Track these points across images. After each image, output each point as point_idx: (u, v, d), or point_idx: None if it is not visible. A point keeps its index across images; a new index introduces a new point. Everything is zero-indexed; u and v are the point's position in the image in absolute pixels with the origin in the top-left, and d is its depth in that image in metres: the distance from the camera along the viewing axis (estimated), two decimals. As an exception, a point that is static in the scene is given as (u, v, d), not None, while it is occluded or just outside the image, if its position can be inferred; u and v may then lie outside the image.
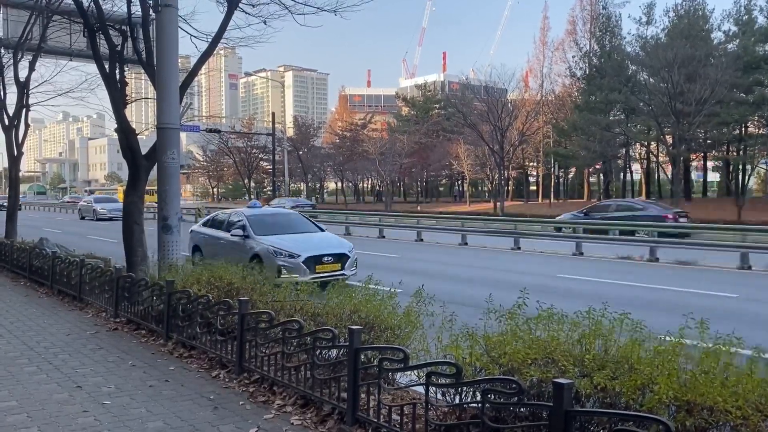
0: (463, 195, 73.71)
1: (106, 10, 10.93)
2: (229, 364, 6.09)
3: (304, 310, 5.79)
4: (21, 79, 17.46)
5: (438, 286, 11.33)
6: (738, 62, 41.74)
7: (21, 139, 18.06)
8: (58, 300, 10.41)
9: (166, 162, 9.42)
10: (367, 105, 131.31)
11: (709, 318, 3.84)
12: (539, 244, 20.84)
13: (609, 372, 3.56)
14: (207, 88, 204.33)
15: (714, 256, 16.55)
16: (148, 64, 10.25)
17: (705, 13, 48.55)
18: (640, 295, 11.39)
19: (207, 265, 8.03)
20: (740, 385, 3.22)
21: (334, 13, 10.96)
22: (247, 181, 75.41)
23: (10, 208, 18.92)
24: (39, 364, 6.44)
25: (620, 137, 51.62)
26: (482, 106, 53.07)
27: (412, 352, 4.49)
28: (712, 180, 68.17)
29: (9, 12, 16.73)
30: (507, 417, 3.76)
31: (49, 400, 5.29)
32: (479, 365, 4.05)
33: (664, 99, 40.57)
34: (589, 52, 57.24)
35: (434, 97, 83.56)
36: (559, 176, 68.67)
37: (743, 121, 46.02)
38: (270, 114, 63.18)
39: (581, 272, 14.68)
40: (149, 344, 7.30)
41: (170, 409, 5.06)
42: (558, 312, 4.24)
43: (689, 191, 53.76)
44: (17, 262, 13.34)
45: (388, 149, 63.86)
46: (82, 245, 18.78)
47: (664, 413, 3.21)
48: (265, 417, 4.86)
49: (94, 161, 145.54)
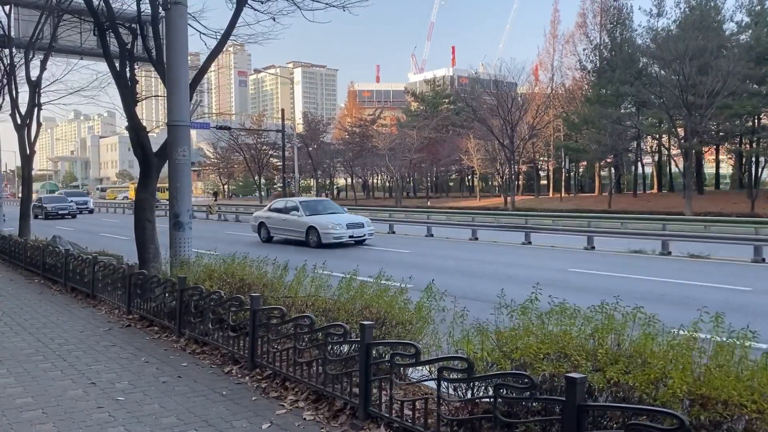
0: (473, 190, 73.56)
1: (115, 9, 10.98)
2: (241, 360, 6.11)
3: (315, 305, 5.79)
4: (33, 79, 17.61)
5: (449, 281, 11.32)
6: (750, 53, 41.35)
7: (33, 137, 18.21)
8: (71, 297, 10.49)
9: (177, 159, 9.46)
10: (377, 100, 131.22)
11: (723, 311, 3.80)
12: (550, 238, 20.75)
13: (622, 366, 3.54)
14: (216, 85, 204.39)
15: (727, 249, 16.42)
16: (158, 61, 10.28)
17: (717, 4, 48.05)
18: (653, 288, 11.32)
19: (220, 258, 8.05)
20: (755, 379, 3.20)
21: (342, 8, 10.94)
22: (258, 177, 75.57)
23: (23, 206, 19.09)
24: (53, 360, 6.50)
25: (631, 130, 51.29)
26: (492, 100, 52.93)
27: (423, 347, 4.49)
28: (724, 173, 67.59)
29: (20, 12, 16.86)
30: (519, 412, 3.75)
31: (63, 397, 5.34)
32: (491, 360, 4.03)
33: (675, 91, 40.23)
34: (600, 44, 56.90)
35: (443, 92, 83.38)
36: (570, 170, 68.33)
37: (756, 112, 45.58)
38: (279, 110, 63.21)
39: (593, 266, 14.61)
40: (162, 341, 7.34)
41: (183, 405, 5.09)
42: (570, 307, 4.22)
43: (701, 184, 53.37)
44: (31, 260, 13.45)
45: (397, 144, 63.83)
46: (95, 243, 18.93)
47: (678, 407, 3.19)
48: (277, 412, 4.87)
49: (105, 159, 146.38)
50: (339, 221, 19.67)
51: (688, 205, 38.03)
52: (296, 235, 20.23)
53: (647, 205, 44.24)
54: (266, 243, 21.02)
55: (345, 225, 19.49)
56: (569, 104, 60.10)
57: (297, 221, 20.21)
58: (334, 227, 19.26)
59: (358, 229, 19.80)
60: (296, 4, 10.70)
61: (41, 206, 41.83)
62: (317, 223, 19.56)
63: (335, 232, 19.18)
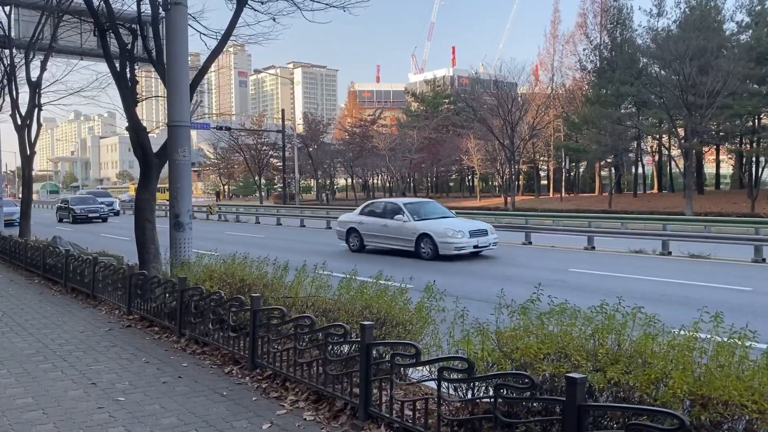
0: (474, 190, 73.55)
1: (116, 9, 10.98)
2: (241, 360, 6.12)
3: (315, 306, 5.80)
4: (33, 79, 17.62)
5: (449, 281, 11.33)
6: (751, 53, 41.32)
7: (33, 138, 18.22)
8: (71, 298, 10.50)
9: (177, 159, 9.46)
10: (377, 101, 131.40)
11: (723, 311, 3.80)
12: (551, 238, 20.74)
13: (622, 366, 3.54)
14: (217, 85, 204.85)
15: (727, 249, 16.41)
16: (159, 62, 10.28)
17: (717, 4, 48.04)
18: (653, 288, 11.32)
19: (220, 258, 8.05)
20: (756, 379, 3.19)
21: (342, 9, 10.95)
22: (258, 178, 75.59)
23: (24, 207, 19.10)
24: (54, 361, 6.50)
25: (632, 130, 51.25)
26: (492, 100, 52.91)
27: (423, 348, 4.49)
28: (724, 173, 67.58)
29: (21, 12, 16.88)
30: (519, 412, 3.75)
31: (64, 397, 5.34)
32: (491, 360, 4.04)
33: (675, 91, 40.21)
34: (600, 44, 56.92)
35: (444, 92, 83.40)
36: (570, 170, 68.31)
37: (756, 112, 45.55)
38: (280, 111, 63.23)
39: (593, 266, 14.61)
40: (162, 341, 7.35)
41: (184, 405, 5.09)
42: (570, 307, 4.22)
43: (702, 184, 53.35)
44: (31, 260, 13.46)
45: (397, 145, 63.86)
46: (95, 243, 18.94)
47: (678, 407, 3.19)
48: (278, 413, 4.87)
49: (105, 159, 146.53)
50: (459, 227, 16.32)
51: (689, 205, 38.02)
52: (402, 244, 16.91)
53: (647, 205, 44.25)
54: (357, 252, 17.91)
55: (467, 232, 16.12)
56: (569, 104, 60.11)
57: (403, 227, 16.84)
58: (454, 235, 15.86)
59: (483, 237, 16.35)
60: (296, 5, 10.72)
61: (68, 208, 36.62)
62: (432, 229, 16.20)
63: (457, 241, 15.78)
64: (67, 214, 36.36)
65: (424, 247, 16.15)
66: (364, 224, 18.08)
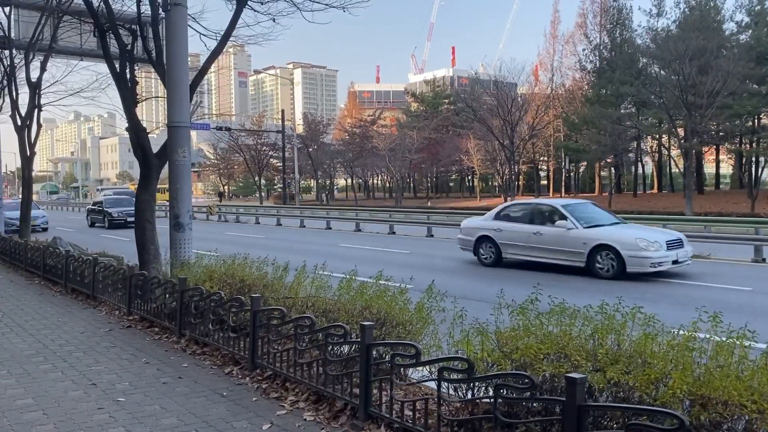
0: (474, 190, 73.56)
1: (116, 10, 10.99)
2: (241, 361, 6.12)
3: (315, 306, 5.80)
4: (33, 80, 17.61)
5: (449, 281, 11.34)
6: (750, 53, 41.36)
7: (33, 139, 18.21)
8: (71, 298, 10.50)
9: (177, 160, 9.46)
10: (377, 101, 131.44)
11: (723, 311, 3.81)
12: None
13: (622, 366, 3.54)
14: (217, 86, 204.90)
15: (727, 248, 16.42)
16: (158, 63, 10.29)
17: (717, 4, 48.09)
18: (653, 289, 11.32)
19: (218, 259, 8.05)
20: (755, 379, 3.20)
21: (342, 9, 10.96)
22: (258, 178, 75.62)
23: (24, 208, 19.09)
24: (54, 361, 6.50)
25: (631, 130, 51.27)
26: (492, 100, 52.92)
27: (423, 348, 4.49)
28: (724, 173, 67.61)
29: (20, 13, 16.88)
30: (519, 412, 3.76)
31: (64, 398, 5.34)
32: (491, 360, 4.04)
33: (675, 91, 40.21)
34: (600, 45, 56.95)
35: (443, 92, 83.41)
36: (570, 170, 68.33)
37: (756, 112, 45.60)
38: (279, 111, 63.27)
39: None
40: (162, 341, 7.35)
41: (184, 406, 5.09)
42: (570, 307, 4.23)
43: (702, 184, 53.37)
44: (31, 261, 13.46)
45: (397, 145, 63.83)
46: (95, 244, 18.95)
47: (678, 407, 3.19)
48: (278, 413, 4.88)
49: (105, 160, 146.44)
50: (653, 237, 12.65)
51: (689, 205, 38.01)
52: (564, 257, 13.29)
53: (647, 205, 44.23)
54: (492, 267, 14.45)
55: (665, 244, 12.55)
56: (569, 104, 60.10)
57: (566, 237, 13.22)
58: (647, 247, 12.27)
59: (681, 250, 12.81)
60: (296, 5, 10.72)
61: (102, 210, 31.67)
62: (616, 240, 12.60)
63: (652, 254, 12.21)
64: (101, 218, 31.72)
65: (603, 263, 12.59)
66: (504, 231, 14.52)
